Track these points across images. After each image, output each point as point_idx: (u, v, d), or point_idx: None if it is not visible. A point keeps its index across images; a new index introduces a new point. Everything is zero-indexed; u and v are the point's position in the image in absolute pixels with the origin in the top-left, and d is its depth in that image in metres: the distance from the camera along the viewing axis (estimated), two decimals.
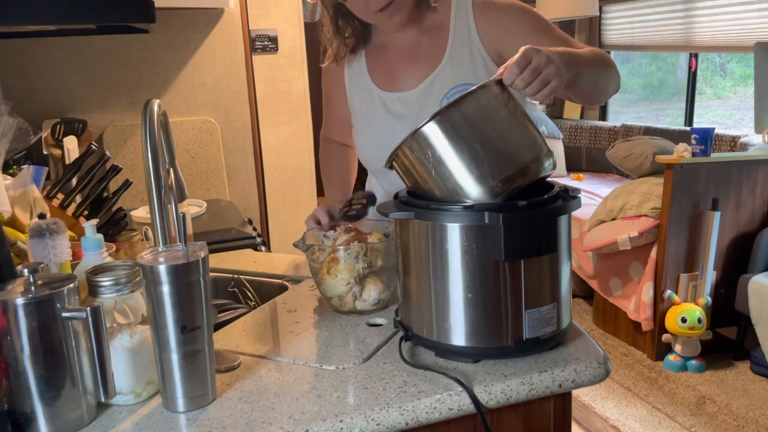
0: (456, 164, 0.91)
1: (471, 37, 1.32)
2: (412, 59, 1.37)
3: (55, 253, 1.10)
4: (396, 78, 1.39)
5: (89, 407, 0.85)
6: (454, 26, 1.33)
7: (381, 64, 1.41)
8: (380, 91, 1.40)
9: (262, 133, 3.02)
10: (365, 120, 1.43)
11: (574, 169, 4.87)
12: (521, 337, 0.93)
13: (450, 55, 1.33)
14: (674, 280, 3.05)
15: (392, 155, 0.97)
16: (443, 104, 1.29)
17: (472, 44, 1.32)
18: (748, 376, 2.95)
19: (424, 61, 1.36)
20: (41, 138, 2.44)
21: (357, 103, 1.44)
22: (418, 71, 1.36)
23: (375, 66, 1.42)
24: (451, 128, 0.91)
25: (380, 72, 1.41)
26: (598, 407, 2.77)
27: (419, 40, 1.37)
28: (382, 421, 0.85)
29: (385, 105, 1.39)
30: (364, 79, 1.42)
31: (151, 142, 1.05)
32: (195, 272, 0.85)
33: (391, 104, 1.39)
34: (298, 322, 1.15)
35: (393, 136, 1.33)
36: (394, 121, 1.38)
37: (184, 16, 2.77)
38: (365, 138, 1.44)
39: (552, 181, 1.00)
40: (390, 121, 1.39)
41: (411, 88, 1.37)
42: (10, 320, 0.78)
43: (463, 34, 1.33)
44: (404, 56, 1.38)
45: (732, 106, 4.80)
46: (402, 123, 1.36)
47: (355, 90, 1.44)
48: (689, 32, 4.17)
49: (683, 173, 2.94)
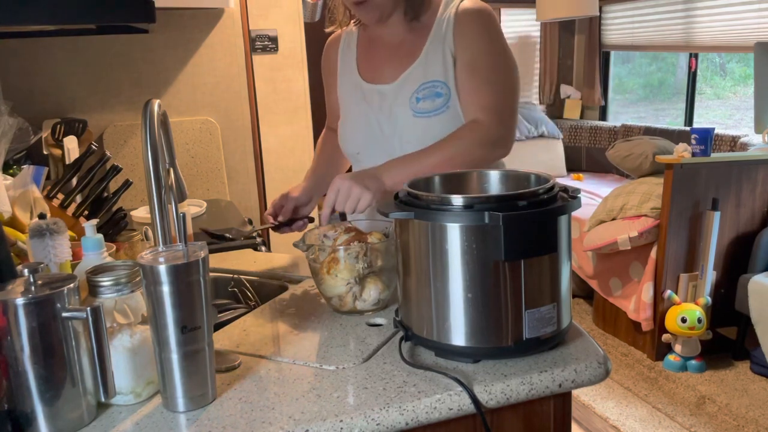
0: None
1: (446, 38, 1.38)
2: (394, 54, 1.44)
3: (55, 253, 1.10)
4: (378, 71, 1.46)
5: (89, 407, 0.85)
6: (435, 27, 1.39)
7: (368, 56, 1.49)
8: (363, 82, 1.47)
9: (262, 133, 3.02)
10: (347, 107, 1.51)
11: (574, 169, 4.87)
12: (521, 337, 0.93)
13: (426, 54, 1.39)
14: (674, 280, 3.05)
15: None
16: (413, 101, 1.37)
17: (446, 45, 1.38)
18: (748, 376, 2.95)
19: (403, 57, 1.42)
20: (41, 138, 2.44)
21: (343, 92, 1.52)
22: (397, 66, 1.42)
23: (363, 58, 1.49)
24: None
25: (366, 64, 1.48)
26: (598, 407, 2.77)
27: (404, 37, 1.43)
28: (382, 421, 0.85)
29: (364, 95, 1.46)
30: (352, 69, 1.50)
31: (151, 142, 1.05)
32: (195, 272, 0.85)
33: (370, 95, 1.45)
34: (298, 322, 1.15)
35: (368, 126, 1.45)
36: (369, 112, 1.45)
37: (184, 16, 2.77)
38: (343, 125, 1.52)
39: (552, 181, 1.00)
40: (366, 110, 1.45)
41: (389, 82, 1.43)
42: (10, 320, 0.78)
43: (440, 35, 1.39)
44: (388, 51, 1.45)
45: (732, 106, 4.80)
46: (377, 115, 1.43)
47: (344, 79, 1.52)
48: (689, 32, 4.17)
49: (683, 173, 2.94)
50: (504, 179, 1.12)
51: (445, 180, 1.12)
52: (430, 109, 1.36)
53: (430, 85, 1.37)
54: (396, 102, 1.40)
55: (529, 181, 1.08)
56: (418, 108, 1.37)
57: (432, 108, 1.36)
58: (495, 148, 1.35)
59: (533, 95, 5.22)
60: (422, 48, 1.40)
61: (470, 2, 1.39)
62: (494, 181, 1.13)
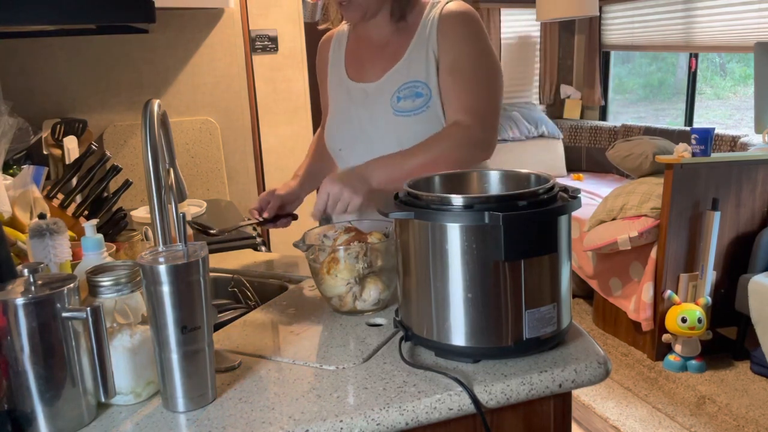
0: None
1: (430, 40, 1.39)
2: (379, 54, 1.46)
3: (55, 253, 1.10)
4: (363, 69, 1.48)
5: (89, 407, 0.85)
6: (420, 28, 1.41)
7: (356, 55, 1.51)
8: (348, 80, 1.50)
9: (262, 133, 3.02)
10: (333, 104, 1.54)
11: (574, 169, 4.87)
12: (521, 337, 0.93)
13: (409, 54, 1.41)
14: (674, 280, 3.05)
15: None
16: (393, 102, 1.39)
17: (429, 46, 1.39)
18: (748, 376, 2.95)
19: (388, 57, 1.44)
20: (41, 138, 2.44)
21: (331, 89, 1.56)
22: (381, 65, 1.44)
23: (350, 56, 1.52)
24: None
25: (353, 62, 1.51)
26: (598, 407, 2.77)
27: (390, 38, 1.45)
28: (382, 421, 0.85)
29: (349, 93, 1.48)
30: (340, 67, 1.53)
31: (151, 142, 1.05)
32: (195, 272, 0.85)
33: (355, 93, 1.47)
34: (298, 322, 1.15)
35: (350, 124, 1.47)
36: (353, 109, 1.47)
37: (184, 16, 2.77)
38: (329, 122, 1.55)
39: (552, 181, 1.00)
40: (350, 108, 1.48)
41: (373, 80, 1.45)
42: (10, 320, 0.78)
43: (425, 36, 1.40)
44: (374, 50, 1.47)
45: (732, 106, 4.80)
46: (359, 112, 1.45)
47: (333, 77, 1.55)
48: (689, 32, 4.17)
49: (683, 173, 2.94)
50: (504, 179, 1.12)
51: (445, 180, 1.12)
52: (410, 109, 1.38)
53: (411, 84, 1.38)
54: (377, 100, 1.42)
55: (529, 181, 1.08)
56: (398, 107, 1.39)
57: (412, 108, 1.38)
58: (477, 149, 1.36)
59: (533, 95, 5.21)
60: (407, 48, 1.41)
61: (455, 5, 1.41)
62: (494, 181, 1.13)
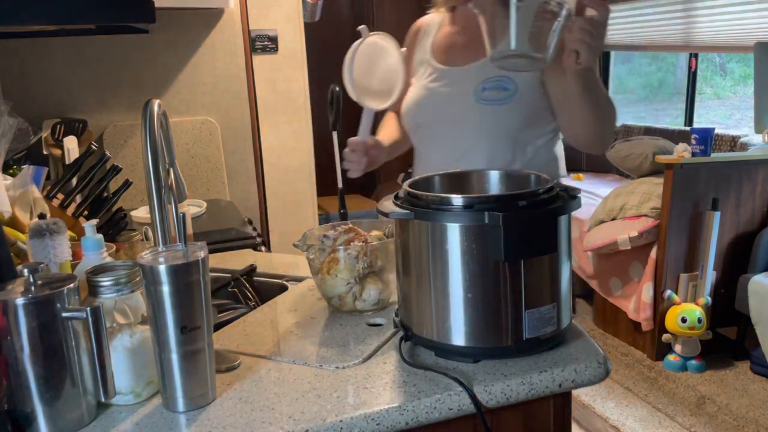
0: None
1: None
2: (472, 42, 1.47)
3: (55, 253, 1.10)
4: (450, 53, 1.52)
5: (89, 407, 0.85)
6: None
7: (447, 39, 1.55)
8: (434, 61, 1.53)
9: (262, 133, 3.01)
10: (415, 80, 1.57)
11: (574, 169, 4.87)
12: (521, 337, 0.93)
13: None
14: (674, 280, 3.05)
15: None
16: (478, 91, 1.41)
17: None
18: (748, 376, 2.95)
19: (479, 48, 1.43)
20: (41, 138, 2.44)
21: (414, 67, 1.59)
22: (470, 53, 1.46)
23: (441, 40, 1.57)
24: None
25: (442, 45, 1.55)
26: (598, 407, 2.77)
27: None
28: (382, 421, 0.85)
29: (433, 73, 1.52)
30: (426, 48, 1.57)
31: (151, 142, 1.05)
32: (195, 272, 0.85)
33: (438, 74, 1.51)
34: (298, 322, 1.15)
35: (426, 102, 1.50)
36: (432, 89, 1.50)
37: (184, 16, 2.77)
38: (408, 97, 1.57)
39: (552, 181, 1.00)
40: (430, 87, 1.51)
41: (459, 65, 1.48)
42: (10, 320, 0.78)
43: None
44: (467, 38, 1.50)
45: (732, 106, 4.80)
46: (439, 92, 1.49)
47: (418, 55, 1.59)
48: (689, 32, 4.17)
49: (683, 173, 2.94)
50: (504, 179, 1.12)
51: (445, 180, 1.12)
52: (494, 98, 1.41)
53: (498, 79, 1.40)
54: (462, 85, 1.44)
55: (529, 181, 1.08)
56: (483, 96, 1.41)
57: (496, 98, 1.40)
58: (611, 139, 1.44)
59: None
60: None
61: None
62: (494, 181, 1.13)
